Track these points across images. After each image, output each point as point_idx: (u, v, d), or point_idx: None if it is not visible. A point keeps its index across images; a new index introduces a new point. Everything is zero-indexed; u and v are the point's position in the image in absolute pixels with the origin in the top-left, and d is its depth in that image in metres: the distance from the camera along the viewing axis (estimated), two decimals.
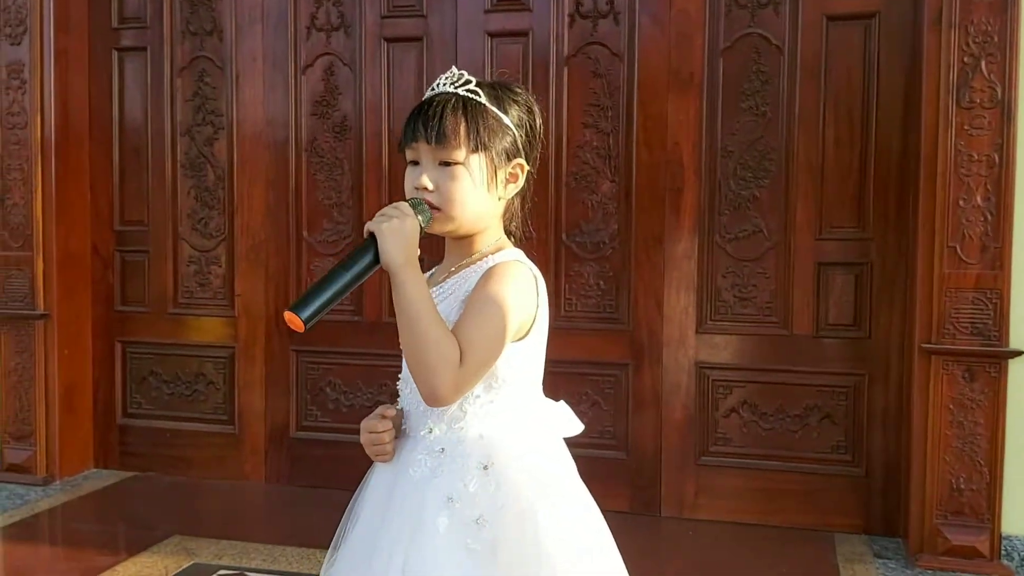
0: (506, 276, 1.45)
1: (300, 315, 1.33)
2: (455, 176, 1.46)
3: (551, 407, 1.58)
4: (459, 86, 1.50)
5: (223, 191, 3.83)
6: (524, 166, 1.52)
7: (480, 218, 1.50)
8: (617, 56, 3.39)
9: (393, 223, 1.41)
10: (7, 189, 3.77)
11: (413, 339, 1.38)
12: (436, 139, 1.46)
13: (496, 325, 1.41)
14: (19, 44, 3.73)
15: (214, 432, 3.88)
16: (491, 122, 1.48)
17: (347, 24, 3.65)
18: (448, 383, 1.37)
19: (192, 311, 3.89)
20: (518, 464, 1.46)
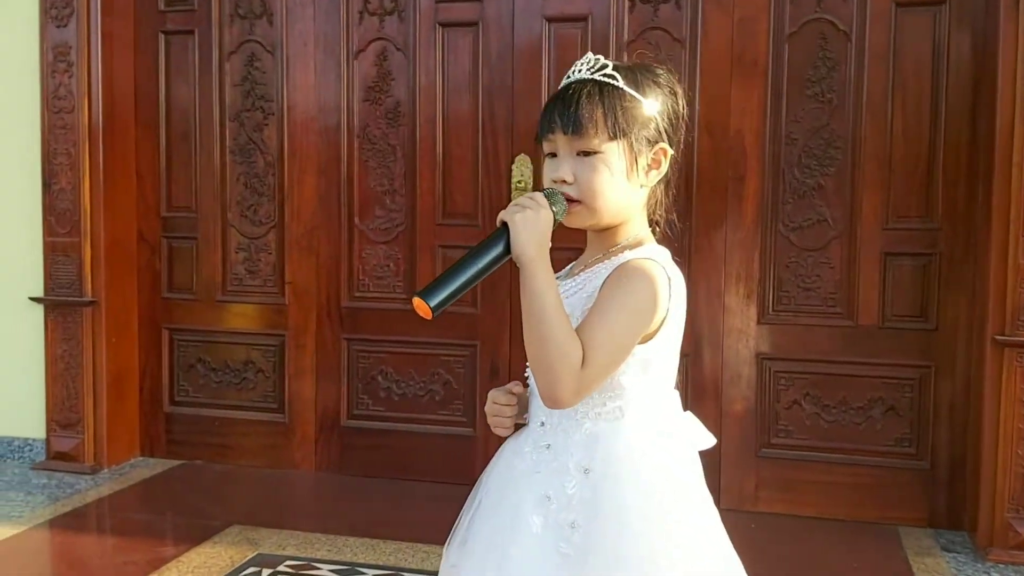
0: (636, 275, 1.37)
1: (429, 302, 1.30)
2: (594, 166, 1.41)
3: (677, 417, 1.49)
4: (596, 71, 1.43)
5: (273, 177, 3.78)
6: (667, 151, 1.46)
7: (621, 209, 1.44)
8: (678, 41, 3.34)
9: (527, 214, 1.35)
10: (53, 174, 3.73)
11: (537, 337, 1.33)
12: (573, 128, 1.40)
13: (622, 328, 1.35)
14: (65, 26, 3.67)
15: (263, 420, 3.85)
16: (630, 107, 1.42)
17: (400, 8, 3.59)
18: (568, 386, 1.32)
19: (241, 298, 3.85)
20: (622, 472, 1.39)
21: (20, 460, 3.87)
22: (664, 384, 1.46)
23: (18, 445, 3.88)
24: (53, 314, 3.76)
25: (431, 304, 1.30)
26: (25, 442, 3.88)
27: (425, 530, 3.05)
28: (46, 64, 3.70)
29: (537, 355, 1.34)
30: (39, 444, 3.86)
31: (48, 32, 3.69)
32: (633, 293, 1.36)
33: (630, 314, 1.36)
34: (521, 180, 3.47)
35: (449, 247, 3.61)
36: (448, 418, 3.66)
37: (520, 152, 3.48)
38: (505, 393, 1.51)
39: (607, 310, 1.35)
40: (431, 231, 3.62)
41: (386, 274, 3.69)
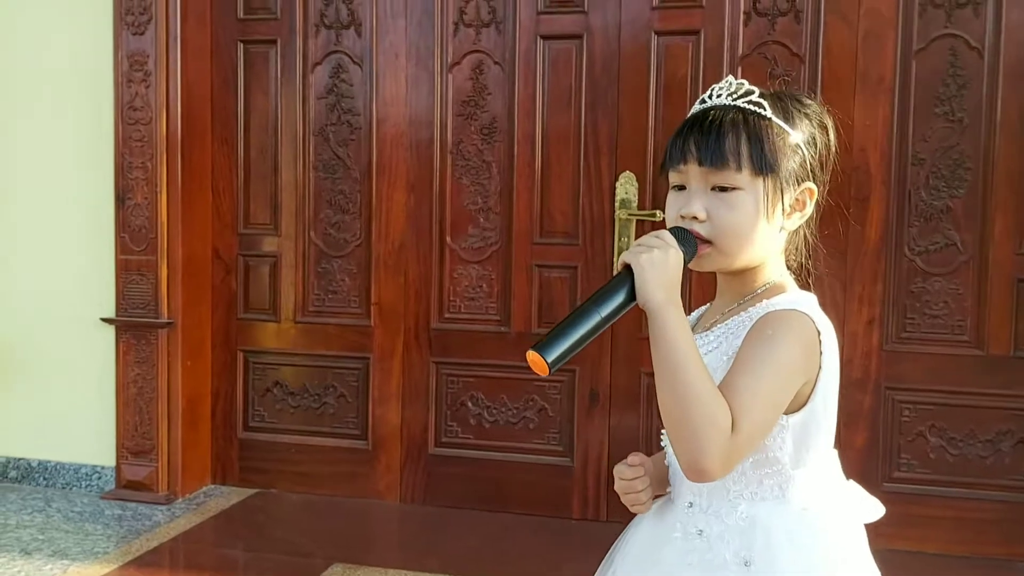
0: (781, 329, 1.23)
1: (546, 358, 1.18)
2: (733, 204, 1.27)
3: (842, 489, 1.35)
4: (739, 97, 1.30)
5: (359, 194, 3.61)
6: (813, 191, 1.33)
7: (758, 253, 1.30)
8: (798, 56, 3.20)
9: (654, 255, 1.21)
10: (128, 189, 3.55)
11: (675, 394, 1.17)
12: (712, 160, 1.26)
13: (773, 388, 1.20)
14: (142, 34, 3.50)
15: (344, 447, 3.67)
16: (778, 140, 1.28)
17: (498, 20, 3.44)
18: (716, 453, 1.15)
19: (323, 319, 3.67)
20: (787, 563, 1.24)
21: (88, 488, 3.68)
22: (824, 451, 1.31)
23: (86, 473, 3.70)
24: (126, 336, 3.58)
25: (548, 360, 1.18)
26: (93, 469, 3.69)
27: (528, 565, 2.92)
28: (121, 73, 3.53)
29: (677, 417, 1.17)
30: (108, 472, 3.67)
31: (123, 40, 3.52)
32: (780, 348, 1.21)
33: (778, 372, 1.20)
34: (626, 198, 3.32)
35: (546, 267, 3.45)
36: (543, 447, 3.50)
37: (625, 169, 3.34)
38: (630, 467, 1.35)
39: (752, 368, 1.20)
40: (527, 251, 3.46)
41: (478, 295, 3.53)
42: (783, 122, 1.29)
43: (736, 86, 1.31)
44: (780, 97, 1.33)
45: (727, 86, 1.32)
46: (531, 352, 1.19)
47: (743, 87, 1.31)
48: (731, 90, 1.31)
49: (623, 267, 1.23)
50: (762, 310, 1.27)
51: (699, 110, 1.32)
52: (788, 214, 1.32)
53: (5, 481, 3.77)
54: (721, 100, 1.31)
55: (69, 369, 3.71)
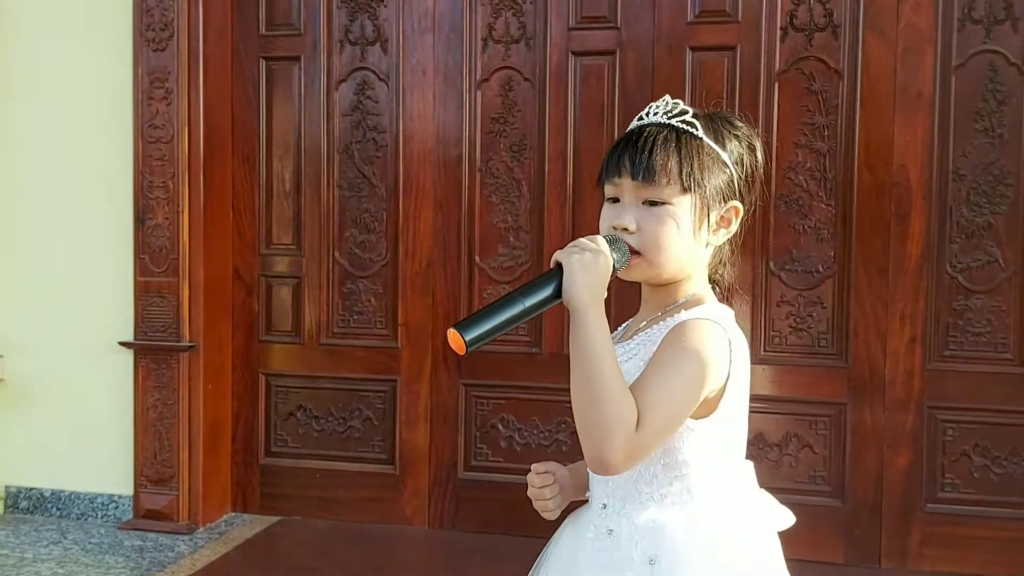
0: (694, 335, 1.28)
1: (464, 336, 1.21)
2: (661, 218, 1.31)
3: (750, 495, 1.39)
4: (673, 116, 1.34)
5: (385, 213, 3.54)
6: (739, 209, 1.37)
7: (683, 266, 1.35)
8: (836, 72, 3.16)
9: (586, 256, 1.26)
10: (148, 209, 3.45)
11: (587, 392, 1.21)
12: (644, 175, 1.31)
13: (679, 391, 1.25)
14: (163, 50, 3.42)
15: (370, 472, 3.58)
16: (707, 159, 1.33)
17: (528, 36, 3.39)
18: (620, 449, 1.19)
19: (348, 341, 3.58)
20: (690, 563, 1.29)
21: (104, 519, 3.56)
22: (734, 459, 1.37)
23: (102, 502, 3.57)
24: (145, 360, 3.47)
25: (466, 338, 1.21)
26: (110, 499, 3.57)
27: None
28: (141, 91, 3.44)
29: (586, 411, 1.22)
30: (125, 501, 3.55)
31: (144, 56, 3.43)
32: (690, 354, 1.26)
33: (686, 376, 1.26)
34: None
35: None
36: None
37: None
38: (538, 475, 1.43)
39: (661, 371, 1.25)
40: None
41: None
42: (713, 142, 1.34)
43: (671, 105, 1.36)
44: (712, 118, 1.38)
45: (663, 105, 1.36)
46: (451, 330, 1.22)
47: (678, 107, 1.35)
48: (667, 109, 1.36)
49: (555, 264, 1.27)
50: (678, 319, 1.32)
51: (635, 127, 1.37)
52: (714, 230, 1.36)
53: (16, 512, 3.65)
54: (656, 118, 1.35)
55: (84, 395, 3.59)
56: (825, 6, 3.16)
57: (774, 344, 3.24)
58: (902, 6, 3.10)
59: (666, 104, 1.36)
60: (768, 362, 3.24)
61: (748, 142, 1.40)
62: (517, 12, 3.39)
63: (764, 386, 3.24)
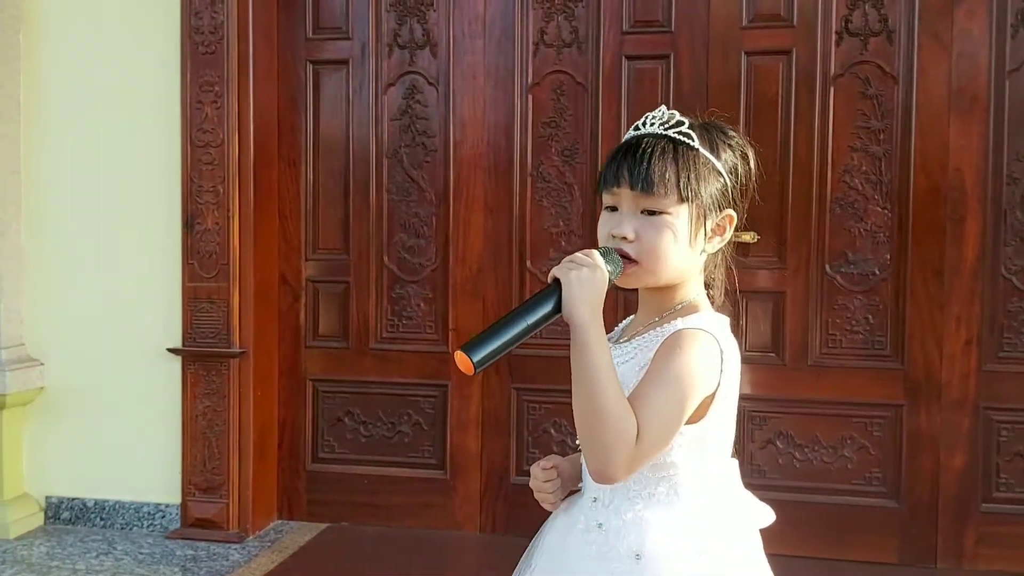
0: (687, 347, 1.32)
1: (472, 357, 1.25)
2: (659, 227, 1.35)
3: (734, 494, 1.45)
4: (669, 127, 1.38)
5: (435, 217, 3.52)
6: (733, 218, 1.41)
7: (679, 273, 1.39)
8: (891, 76, 3.19)
9: (583, 272, 1.30)
10: (198, 213, 3.42)
11: (590, 409, 1.26)
12: (643, 186, 1.34)
13: (675, 402, 1.30)
14: (213, 54, 3.39)
15: (420, 477, 3.56)
16: (703, 169, 1.37)
17: (581, 40, 3.39)
18: (621, 463, 1.25)
19: (397, 346, 3.57)
20: (676, 557, 1.34)
21: (151, 528, 3.52)
22: (720, 460, 1.42)
23: (148, 512, 3.53)
24: (194, 367, 3.43)
25: (474, 360, 1.25)
26: (156, 508, 3.53)
27: None
28: (189, 95, 3.41)
29: (589, 427, 1.26)
30: (173, 510, 3.51)
31: (193, 60, 3.40)
32: (685, 364, 1.30)
33: (681, 387, 1.30)
34: None
35: (631, 291, 3.38)
36: None
37: None
38: (543, 469, 1.47)
39: (659, 382, 1.30)
40: None
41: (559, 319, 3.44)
42: (709, 152, 1.38)
43: (668, 116, 1.39)
44: (707, 128, 1.41)
45: (660, 116, 1.40)
46: (459, 352, 1.26)
47: (674, 117, 1.39)
48: (663, 120, 1.39)
49: (552, 281, 1.31)
50: (673, 328, 1.35)
51: (632, 137, 1.40)
52: (709, 238, 1.40)
53: (58, 523, 3.59)
54: (653, 129, 1.39)
55: (128, 402, 3.55)
56: (880, 11, 3.19)
57: (830, 346, 3.26)
58: (956, 12, 3.14)
59: (663, 115, 1.39)
60: (824, 364, 3.26)
61: (741, 151, 1.43)
62: (569, 16, 3.40)
63: (820, 388, 3.26)
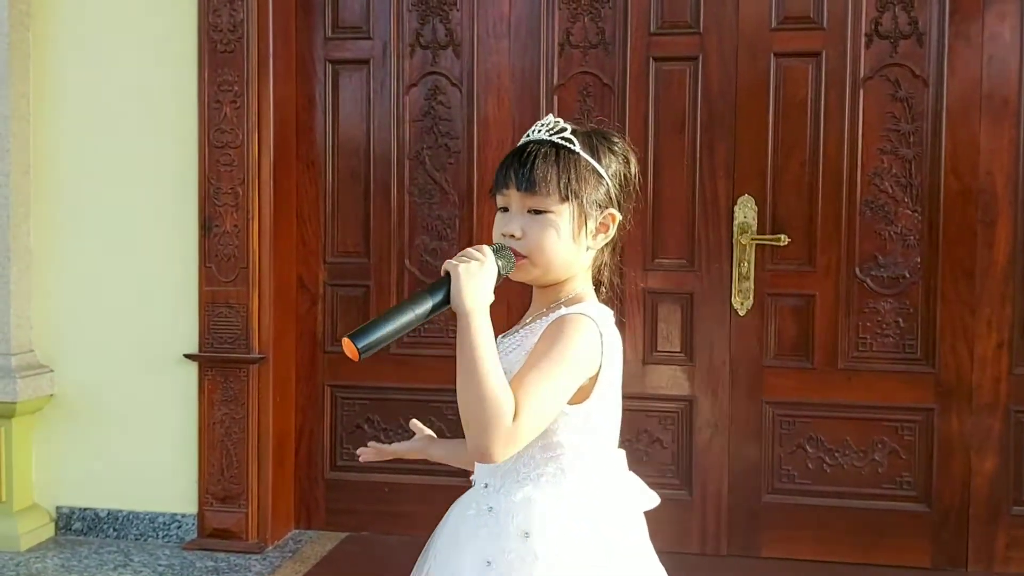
0: (568, 329, 1.41)
1: (357, 344, 1.31)
2: (543, 224, 1.46)
3: (620, 477, 1.54)
4: (554, 133, 1.49)
5: (458, 220, 3.47)
6: (615, 216, 1.51)
7: (565, 267, 1.49)
8: (920, 79, 3.18)
9: (471, 265, 1.40)
10: (216, 216, 3.34)
11: (469, 389, 1.34)
12: (526, 186, 1.46)
13: (553, 382, 1.37)
14: (232, 52, 3.31)
15: (442, 485, 3.45)
16: (583, 171, 1.47)
17: (607, 41, 3.35)
18: (499, 440, 1.32)
19: (419, 350, 3.50)
20: (562, 536, 1.42)
21: (167, 539, 3.42)
22: (606, 444, 1.51)
23: (163, 522, 3.43)
24: (211, 373, 3.35)
25: (359, 346, 1.31)
26: (172, 518, 3.43)
27: None
28: (207, 95, 3.32)
29: (469, 408, 1.34)
30: (189, 520, 3.41)
31: (210, 59, 3.32)
32: (564, 346, 1.39)
33: (561, 367, 1.38)
34: (745, 222, 3.26)
35: (658, 293, 3.36)
36: (658, 480, 3.35)
37: (743, 193, 3.27)
38: None
39: (537, 365, 1.38)
40: (638, 276, 3.36)
41: None
42: (589, 156, 1.48)
43: (553, 123, 1.50)
44: (590, 135, 1.52)
45: (547, 123, 1.51)
46: (345, 339, 1.32)
47: (559, 125, 1.50)
48: (549, 127, 1.50)
49: (444, 273, 1.40)
50: (557, 315, 1.45)
51: (521, 143, 1.51)
52: (593, 235, 1.50)
53: (69, 533, 3.48)
54: (540, 135, 1.50)
55: (141, 409, 3.45)
56: (910, 14, 3.18)
57: (860, 350, 3.24)
58: (987, 15, 3.13)
59: (549, 123, 1.50)
60: (854, 368, 3.24)
61: (624, 156, 1.53)
62: (595, 17, 3.36)
63: (850, 391, 3.24)
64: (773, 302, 3.29)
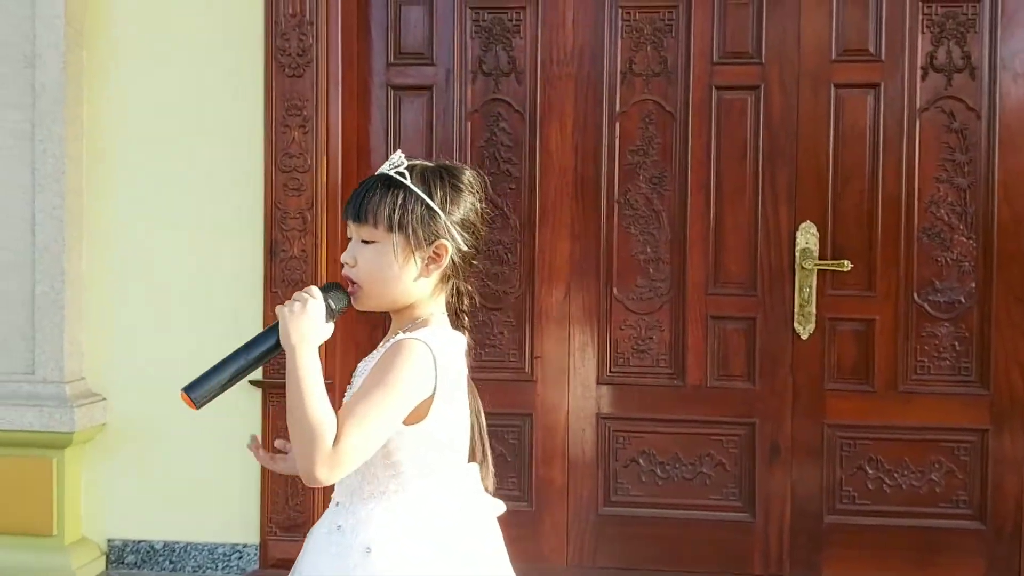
0: (399, 355, 1.48)
1: (191, 395, 1.42)
2: (371, 254, 1.55)
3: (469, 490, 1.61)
4: (392, 168, 1.57)
5: (519, 244, 3.48)
6: (447, 247, 1.56)
7: (401, 295, 1.57)
8: (974, 111, 3.31)
9: (295, 307, 1.49)
10: (282, 240, 3.31)
11: (295, 418, 1.44)
12: (356, 217, 1.55)
13: (378, 407, 1.44)
14: (300, 77, 3.30)
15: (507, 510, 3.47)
16: (412, 204, 1.53)
17: (670, 70, 3.42)
18: (320, 463, 1.40)
19: (477, 374, 3.29)
20: (402, 550, 1.49)
21: (227, 570, 3.35)
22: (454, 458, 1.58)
23: (223, 553, 3.36)
24: (277, 399, 3.30)
25: (193, 397, 1.42)
26: (232, 549, 3.37)
27: None
28: (274, 119, 3.30)
29: (295, 435, 1.43)
30: (250, 551, 3.35)
31: (278, 82, 3.30)
32: (394, 372, 1.46)
33: (388, 391, 1.45)
34: (807, 247, 3.34)
35: (721, 318, 3.42)
36: (721, 503, 3.42)
37: (805, 219, 3.36)
38: None
39: (365, 391, 1.46)
40: (701, 301, 3.41)
41: (648, 347, 3.44)
42: (420, 189, 1.54)
43: (397, 160, 1.57)
44: (427, 170, 1.58)
45: (392, 160, 1.58)
46: (181, 391, 1.42)
47: (401, 161, 1.57)
48: (393, 163, 1.57)
49: None
50: (394, 340, 1.52)
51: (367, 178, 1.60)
52: (426, 265, 1.56)
53: (122, 566, 3.39)
54: (384, 170, 1.58)
55: (200, 437, 3.38)
56: (963, 48, 3.31)
57: (918, 373, 3.34)
58: None
59: (394, 161, 1.57)
60: (913, 391, 3.33)
61: (468, 189, 1.59)
62: (658, 46, 3.42)
63: (909, 413, 3.33)
64: (834, 326, 3.38)
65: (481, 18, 3.48)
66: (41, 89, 3.25)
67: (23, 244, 3.25)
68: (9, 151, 3.26)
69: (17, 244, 3.26)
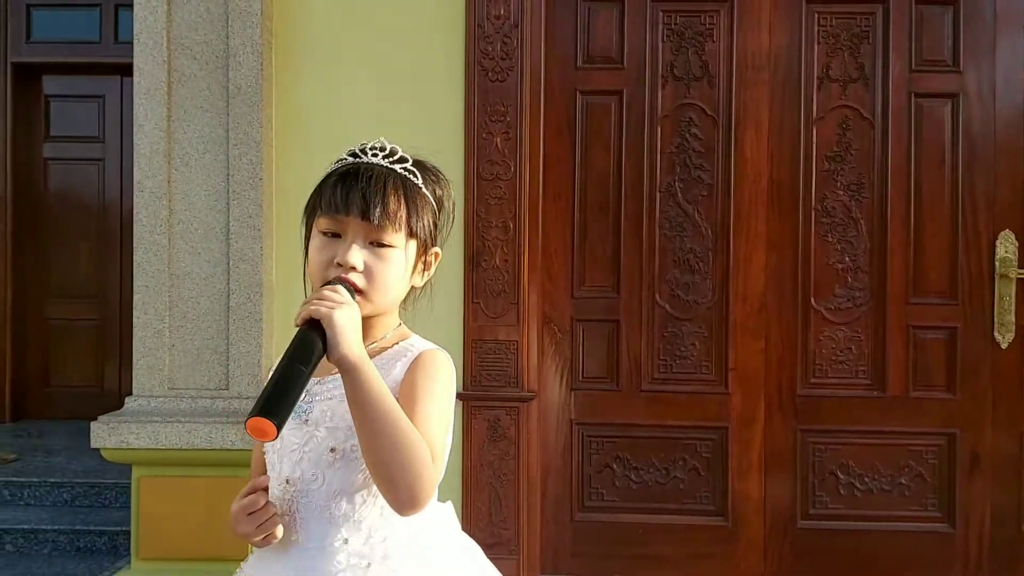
0: (440, 365, 1.40)
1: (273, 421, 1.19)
2: (388, 260, 1.38)
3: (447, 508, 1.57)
4: (393, 162, 1.42)
5: (712, 253, 3.42)
6: (439, 254, 1.48)
7: (392, 303, 1.45)
8: None
9: (346, 312, 1.28)
10: (484, 250, 3.21)
11: (390, 443, 1.26)
12: (378, 219, 1.36)
13: (446, 418, 1.38)
14: (503, 81, 3.21)
15: (698, 525, 3.41)
16: (426, 207, 1.42)
17: (867, 76, 3.38)
18: (430, 485, 1.29)
19: (670, 387, 3.42)
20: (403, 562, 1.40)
21: None
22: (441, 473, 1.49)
23: None
24: (481, 412, 3.20)
25: (276, 423, 1.20)
26: None
27: None
28: (475, 124, 3.21)
29: (394, 461, 1.26)
30: None
31: (479, 86, 3.20)
32: (442, 382, 1.38)
33: (444, 402, 1.38)
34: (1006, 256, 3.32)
35: (921, 328, 3.37)
36: (920, 514, 3.38)
37: (1004, 228, 3.33)
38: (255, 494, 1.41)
39: (428, 402, 1.34)
40: (902, 311, 3.37)
41: (847, 358, 3.39)
42: (429, 192, 1.43)
43: (389, 150, 1.42)
44: (425, 168, 1.46)
45: (379, 147, 1.42)
46: (255, 419, 1.19)
47: (396, 152, 1.42)
48: (385, 153, 1.42)
49: (303, 322, 1.27)
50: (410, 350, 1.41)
51: (353, 164, 1.41)
52: (422, 272, 1.46)
53: None
54: (377, 160, 1.40)
55: None
56: None
57: None
58: None
59: (383, 148, 1.42)
60: None
61: (448, 191, 1.49)
62: (854, 52, 3.38)
63: None
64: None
65: (673, 21, 3.41)
66: (236, 91, 3.13)
67: (217, 254, 3.12)
68: (201, 157, 3.13)
69: (211, 254, 3.12)
